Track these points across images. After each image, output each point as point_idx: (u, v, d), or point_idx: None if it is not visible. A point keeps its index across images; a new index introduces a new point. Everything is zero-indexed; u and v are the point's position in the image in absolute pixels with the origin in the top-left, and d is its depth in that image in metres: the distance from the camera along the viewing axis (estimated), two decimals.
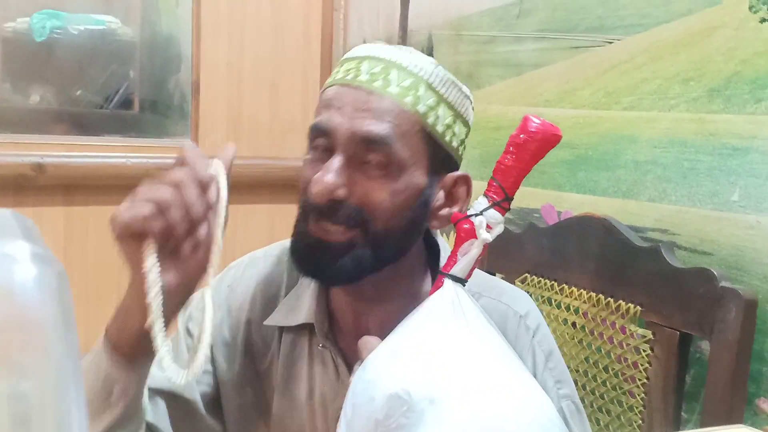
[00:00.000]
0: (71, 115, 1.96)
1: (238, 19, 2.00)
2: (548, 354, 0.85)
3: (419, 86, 0.77)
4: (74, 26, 1.93)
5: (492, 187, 0.67)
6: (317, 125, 0.76)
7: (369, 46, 0.81)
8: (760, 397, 0.96)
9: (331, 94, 0.78)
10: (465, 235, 0.66)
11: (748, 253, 0.98)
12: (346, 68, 0.79)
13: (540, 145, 0.65)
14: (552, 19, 1.36)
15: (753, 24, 0.99)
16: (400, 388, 0.54)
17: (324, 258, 0.75)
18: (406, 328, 0.63)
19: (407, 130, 0.75)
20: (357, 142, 0.74)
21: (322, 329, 0.84)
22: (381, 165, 0.75)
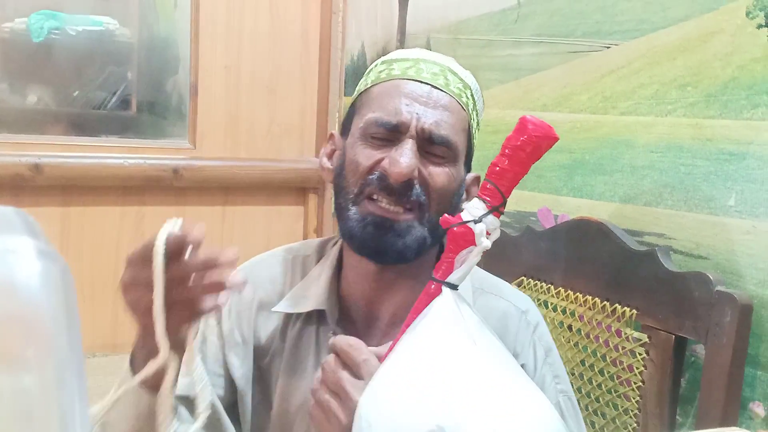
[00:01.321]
0: (69, 115, 1.96)
1: (236, 22, 2.00)
2: (548, 350, 0.88)
3: (467, 91, 0.87)
4: (72, 27, 1.93)
5: (487, 190, 0.66)
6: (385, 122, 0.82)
7: (415, 51, 0.89)
8: (754, 401, 0.96)
9: (392, 88, 0.84)
10: (463, 241, 0.65)
11: (744, 258, 0.98)
12: (403, 66, 0.85)
13: (537, 146, 0.64)
14: (550, 23, 1.36)
15: (750, 30, 0.99)
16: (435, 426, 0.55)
17: (392, 237, 0.80)
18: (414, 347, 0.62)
19: (462, 126, 0.85)
20: (424, 137, 0.82)
21: (334, 315, 0.87)
22: (442, 155, 0.83)
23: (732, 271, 1.00)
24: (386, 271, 0.85)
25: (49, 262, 0.32)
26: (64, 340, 0.31)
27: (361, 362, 0.67)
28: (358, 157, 0.83)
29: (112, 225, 1.85)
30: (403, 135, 0.81)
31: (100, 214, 1.82)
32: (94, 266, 1.82)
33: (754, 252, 0.97)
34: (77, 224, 1.81)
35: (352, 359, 0.67)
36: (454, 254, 0.66)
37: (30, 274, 0.31)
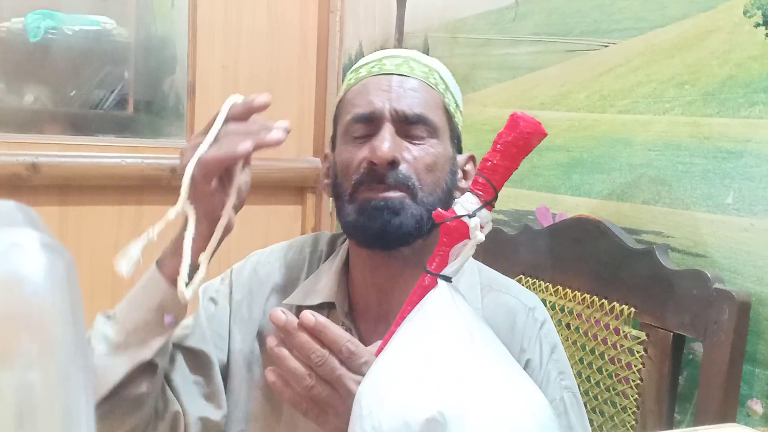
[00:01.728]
0: (66, 115, 1.95)
1: (233, 22, 2.00)
2: (553, 346, 0.89)
3: (434, 74, 0.90)
4: (69, 27, 1.92)
5: (479, 184, 0.67)
6: (359, 115, 0.85)
7: (380, 52, 0.92)
8: (752, 399, 0.97)
9: (361, 87, 0.87)
10: (457, 234, 0.66)
11: (742, 256, 0.99)
12: (368, 67, 0.89)
13: (527, 142, 0.66)
14: (547, 22, 1.36)
15: (747, 28, 1.00)
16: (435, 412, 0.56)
17: (387, 215, 0.82)
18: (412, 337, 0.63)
19: (435, 103, 0.88)
20: (401, 119, 0.85)
21: (343, 308, 0.89)
22: (421, 134, 0.85)
23: (730, 269, 1.00)
24: (392, 262, 0.86)
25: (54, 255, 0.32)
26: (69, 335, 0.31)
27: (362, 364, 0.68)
28: (346, 159, 0.86)
29: (110, 225, 1.84)
30: (380, 124, 0.84)
31: (97, 213, 1.82)
32: (92, 266, 1.81)
33: (751, 250, 0.97)
34: (75, 224, 1.81)
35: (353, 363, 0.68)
36: (448, 247, 0.67)
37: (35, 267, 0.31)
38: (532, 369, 0.85)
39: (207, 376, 0.89)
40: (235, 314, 0.93)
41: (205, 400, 0.89)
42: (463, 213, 0.66)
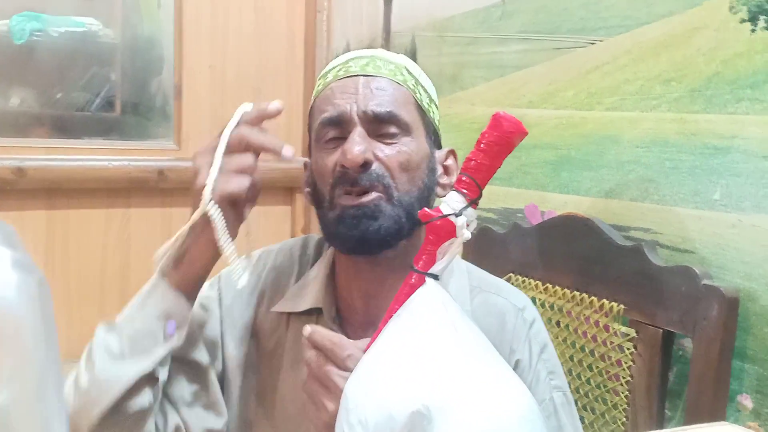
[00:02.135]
0: (52, 117, 1.94)
1: (220, 22, 1.99)
2: (543, 346, 0.89)
3: (402, 70, 0.88)
4: (54, 28, 1.91)
5: (463, 183, 0.68)
6: (327, 118, 0.85)
7: (346, 55, 0.91)
8: (742, 394, 0.97)
9: (328, 92, 0.87)
10: (444, 233, 0.67)
11: (730, 252, 0.99)
12: (335, 71, 0.88)
13: (509, 141, 0.67)
14: (534, 20, 1.36)
15: (733, 25, 1.00)
16: (420, 405, 0.56)
17: (366, 221, 0.81)
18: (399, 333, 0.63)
19: (405, 100, 0.86)
20: (370, 119, 0.83)
21: (330, 313, 0.89)
22: (393, 133, 0.84)
23: (718, 265, 1.00)
24: (376, 266, 0.86)
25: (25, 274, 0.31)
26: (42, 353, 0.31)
27: (345, 357, 0.68)
28: (320, 166, 0.86)
29: (98, 228, 1.83)
30: (349, 127, 0.83)
31: (85, 217, 1.81)
32: (80, 269, 1.80)
33: (739, 245, 0.98)
34: (62, 228, 1.79)
35: (336, 356, 0.69)
36: (434, 246, 0.68)
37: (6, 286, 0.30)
38: (522, 369, 0.85)
39: (205, 386, 0.89)
40: (226, 320, 0.93)
41: (205, 410, 0.88)
42: (449, 212, 0.67)
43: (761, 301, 0.95)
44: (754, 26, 0.97)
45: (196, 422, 0.86)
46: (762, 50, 0.96)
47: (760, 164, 0.95)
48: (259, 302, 0.94)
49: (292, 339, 0.90)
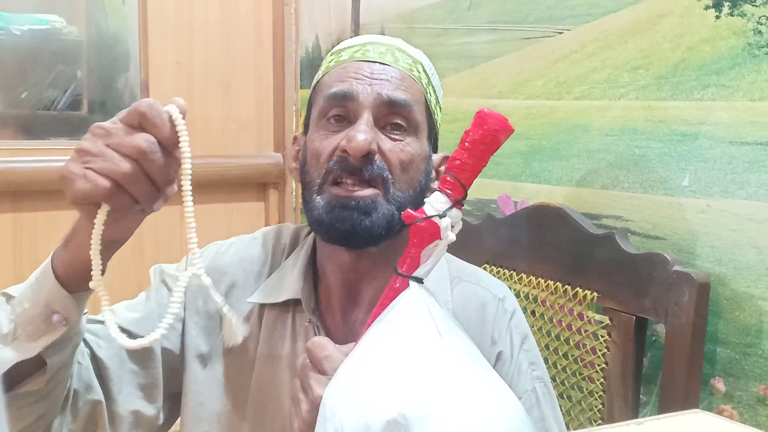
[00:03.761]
0: (16, 118, 1.90)
1: (186, 17, 1.96)
2: (524, 337, 0.89)
3: (418, 66, 0.86)
4: (16, 26, 1.87)
5: (448, 183, 0.66)
6: (338, 92, 0.81)
7: (364, 37, 0.88)
8: (715, 377, 0.98)
9: (341, 70, 0.83)
10: (428, 235, 0.65)
11: (700, 237, 1.00)
12: (351, 51, 0.85)
13: (495, 139, 0.65)
14: (502, 10, 1.36)
15: (698, 11, 1.00)
16: (396, 413, 0.54)
17: (357, 215, 0.79)
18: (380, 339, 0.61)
19: (418, 98, 0.84)
20: (381, 105, 0.80)
21: (309, 304, 0.87)
22: (401, 126, 0.82)
23: (689, 251, 1.01)
24: (361, 259, 0.84)
25: None
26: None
27: (323, 358, 0.66)
28: (318, 146, 0.82)
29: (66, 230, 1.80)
30: (358, 110, 0.80)
31: (52, 219, 1.78)
32: None
33: (709, 230, 0.99)
34: (29, 230, 1.76)
35: (315, 356, 0.67)
36: (418, 249, 0.66)
37: None
38: (504, 361, 0.85)
39: (145, 366, 0.85)
40: (190, 307, 0.90)
41: (136, 390, 0.85)
42: (433, 213, 0.65)
43: (731, 285, 0.96)
44: (719, 12, 0.98)
45: (123, 401, 0.83)
46: (726, 36, 0.97)
47: (727, 149, 0.96)
48: (227, 292, 0.90)
49: (267, 331, 0.88)
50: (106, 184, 0.63)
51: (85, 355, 0.81)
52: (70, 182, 0.64)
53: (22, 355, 0.71)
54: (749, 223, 0.94)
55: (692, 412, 0.63)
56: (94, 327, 0.84)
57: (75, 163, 0.64)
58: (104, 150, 0.63)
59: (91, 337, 0.83)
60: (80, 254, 0.70)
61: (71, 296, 0.72)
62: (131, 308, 0.88)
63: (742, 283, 0.95)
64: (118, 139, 0.64)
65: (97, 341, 0.83)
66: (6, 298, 0.75)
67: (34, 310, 0.71)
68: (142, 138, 0.63)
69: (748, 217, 0.94)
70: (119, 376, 0.83)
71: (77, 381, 0.80)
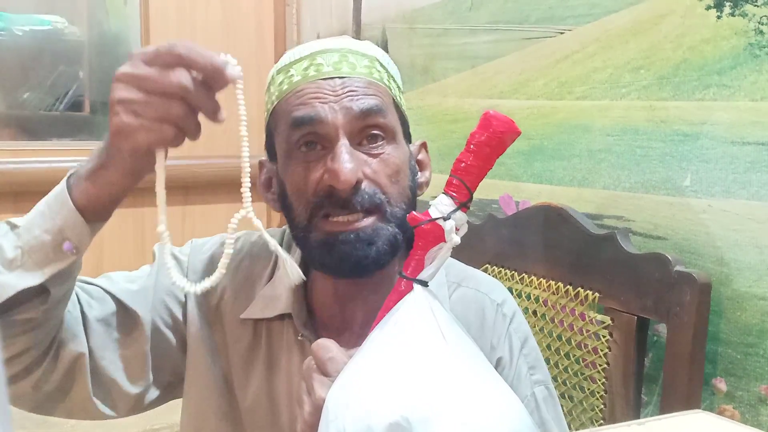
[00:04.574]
0: (19, 119, 1.91)
1: (187, 17, 1.97)
2: (523, 341, 0.87)
3: (375, 63, 0.81)
4: (18, 27, 1.88)
5: (453, 186, 0.65)
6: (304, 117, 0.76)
7: (307, 46, 0.82)
8: (716, 377, 0.98)
9: (298, 94, 0.78)
10: (432, 238, 0.65)
11: (701, 237, 1.00)
12: (300, 69, 0.80)
13: (501, 141, 0.65)
14: (503, 10, 1.36)
15: (699, 11, 1.00)
16: (399, 416, 0.54)
17: (362, 247, 0.76)
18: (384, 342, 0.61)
19: (387, 100, 0.80)
20: (353, 120, 0.76)
21: (300, 318, 0.84)
22: (379, 138, 0.78)
23: (690, 251, 1.01)
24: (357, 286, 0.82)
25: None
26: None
27: (326, 360, 0.65)
28: (297, 181, 0.78)
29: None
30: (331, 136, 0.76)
31: None
32: None
33: (710, 230, 0.99)
34: None
35: (318, 358, 0.67)
36: (423, 251, 0.66)
37: None
38: (503, 367, 0.84)
39: (130, 340, 0.83)
40: (191, 299, 0.88)
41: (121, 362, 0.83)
42: (437, 215, 0.65)
43: (733, 285, 0.96)
44: (720, 12, 0.98)
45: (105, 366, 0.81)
46: (728, 36, 0.97)
47: (729, 149, 0.96)
48: (229, 286, 0.88)
49: (265, 340, 0.87)
50: (170, 131, 0.64)
51: (76, 307, 0.80)
52: (131, 135, 0.64)
53: (27, 282, 0.70)
54: (751, 223, 0.94)
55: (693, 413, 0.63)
56: (89, 287, 0.82)
57: (124, 115, 0.64)
58: (148, 96, 0.63)
59: (84, 296, 0.81)
60: (111, 190, 0.70)
61: (88, 225, 0.70)
62: (129, 279, 0.86)
63: (743, 283, 0.95)
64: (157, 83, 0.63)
65: (89, 301, 0.82)
66: (10, 226, 0.73)
67: (45, 237, 0.70)
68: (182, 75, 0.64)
69: (749, 217, 0.94)
70: (104, 341, 0.82)
71: (64, 329, 0.78)
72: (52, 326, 0.76)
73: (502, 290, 0.90)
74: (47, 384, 0.78)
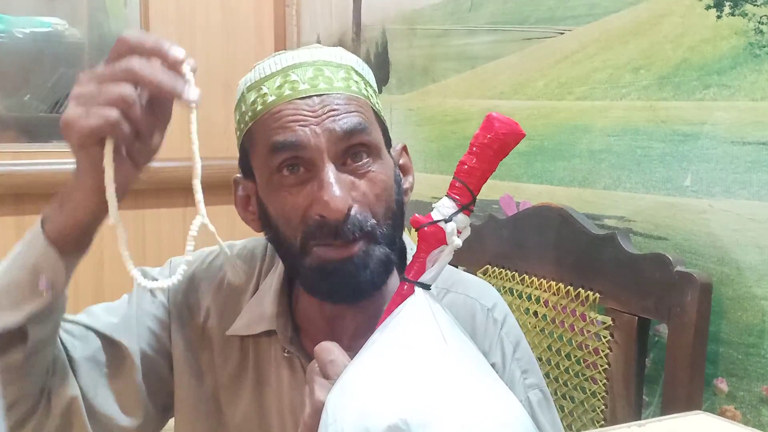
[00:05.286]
0: (19, 121, 1.91)
1: (187, 19, 1.97)
2: (515, 345, 0.86)
3: (351, 74, 0.78)
4: (18, 29, 1.88)
5: (456, 188, 0.65)
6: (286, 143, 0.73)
7: (277, 58, 0.79)
8: (717, 378, 0.98)
9: (276, 116, 0.75)
10: (434, 240, 0.65)
11: (702, 237, 1.00)
12: (274, 87, 0.76)
13: (504, 143, 0.64)
14: (503, 11, 1.36)
15: (699, 11, 1.00)
16: (398, 419, 0.54)
17: (357, 272, 0.74)
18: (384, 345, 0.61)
19: (367, 114, 0.77)
20: (337, 141, 0.73)
21: (285, 335, 0.83)
22: (364, 155, 0.75)
23: (691, 251, 1.01)
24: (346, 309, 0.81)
25: None
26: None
27: (327, 362, 0.65)
28: (283, 207, 0.76)
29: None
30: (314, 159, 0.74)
31: None
32: None
33: (711, 231, 0.99)
34: None
35: (320, 360, 0.66)
36: (425, 254, 0.65)
37: None
38: (496, 372, 0.83)
39: (121, 373, 0.82)
40: (175, 316, 0.87)
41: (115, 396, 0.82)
42: (439, 218, 0.64)
43: (734, 285, 0.96)
44: (720, 12, 0.98)
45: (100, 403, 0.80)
46: (728, 36, 0.97)
47: (729, 149, 0.96)
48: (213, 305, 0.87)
49: (253, 357, 0.85)
50: (112, 114, 0.62)
51: (62, 350, 0.79)
52: (74, 124, 0.62)
53: (4, 322, 0.69)
54: (751, 223, 0.94)
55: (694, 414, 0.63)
56: (69, 327, 0.81)
57: (72, 108, 0.63)
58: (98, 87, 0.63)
59: (67, 337, 0.80)
60: (77, 215, 0.68)
61: (62, 259, 0.69)
62: (110, 311, 0.85)
63: (744, 283, 0.95)
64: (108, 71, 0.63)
65: (72, 341, 0.81)
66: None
67: (20, 274, 0.69)
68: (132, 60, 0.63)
69: (750, 217, 0.94)
70: (94, 379, 0.81)
71: (52, 376, 0.77)
72: (39, 373, 0.75)
73: (492, 294, 0.89)
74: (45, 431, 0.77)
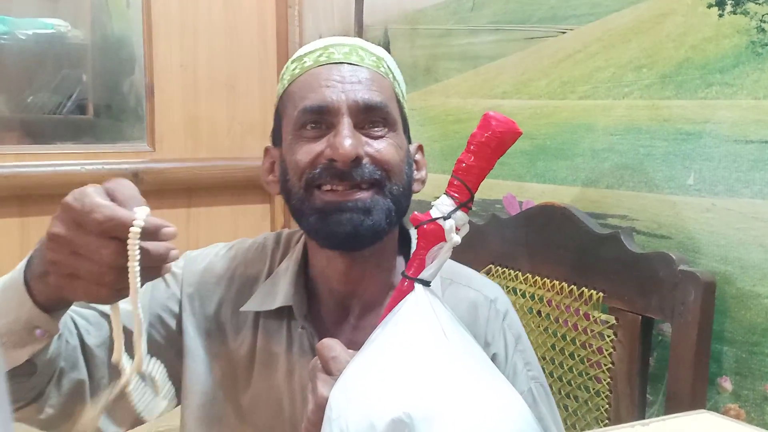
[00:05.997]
0: (22, 122, 1.91)
1: (190, 19, 1.97)
2: (518, 337, 0.89)
3: (382, 62, 0.87)
4: (21, 31, 1.88)
5: (454, 186, 0.66)
6: (313, 106, 0.80)
7: (323, 40, 0.87)
8: (721, 376, 0.98)
9: (308, 77, 0.82)
10: (433, 238, 0.66)
11: (705, 236, 1.00)
12: (314, 56, 0.84)
13: (501, 142, 0.65)
14: (505, 10, 1.36)
15: (701, 10, 1.00)
16: (402, 413, 0.55)
17: (357, 216, 0.79)
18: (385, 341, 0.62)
19: (390, 94, 0.85)
20: (359, 110, 0.80)
21: (301, 311, 0.86)
22: (381, 126, 0.82)
23: (694, 249, 1.01)
24: (353, 265, 0.84)
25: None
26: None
27: (330, 359, 0.66)
28: (297, 156, 0.81)
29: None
30: (336, 118, 0.80)
31: None
32: None
33: (714, 229, 0.99)
34: (36, 234, 1.75)
35: (322, 357, 0.67)
36: (425, 251, 0.66)
37: None
38: (499, 363, 0.85)
39: None
40: (187, 306, 0.90)
41: None
42: (438, 215, 0.65)
43: (737, 283, 0.96)
44: (722, 11, 0.97)
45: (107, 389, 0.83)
46: (730, 34, 0.96)
47: (732, 148, 0.96)
48: (224, 294, 0.91)
49: (264, 338, 0.88)
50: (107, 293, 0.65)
51: (74, 335, 0.81)
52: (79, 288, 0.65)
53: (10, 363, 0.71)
54: (754, 221, 0.94)
55: (698, 413, 0.63)
56: (86, 312, 0.83)
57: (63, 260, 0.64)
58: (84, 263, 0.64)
59: (82, 322, 0.82)
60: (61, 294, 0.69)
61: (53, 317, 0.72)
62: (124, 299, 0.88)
63: (748, 282, 0.95)
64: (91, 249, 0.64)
65: (87, 327, 0.83)
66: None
67: (16, 326, 0.71)
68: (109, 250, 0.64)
69: (753, 216, 0.94)
70: (104, 365, 0.83)
71: (64, 359, 0.79)
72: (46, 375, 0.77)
73: (494, 288, 0.92)
74: (51, 408, 0.79)
